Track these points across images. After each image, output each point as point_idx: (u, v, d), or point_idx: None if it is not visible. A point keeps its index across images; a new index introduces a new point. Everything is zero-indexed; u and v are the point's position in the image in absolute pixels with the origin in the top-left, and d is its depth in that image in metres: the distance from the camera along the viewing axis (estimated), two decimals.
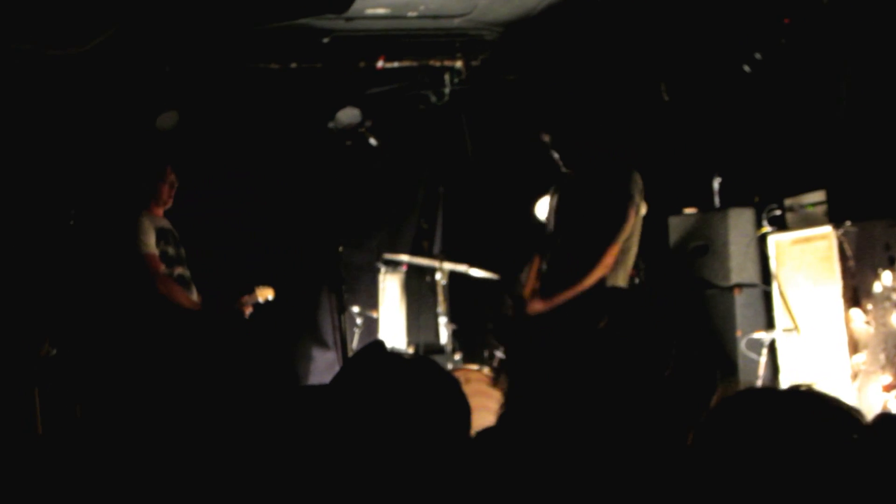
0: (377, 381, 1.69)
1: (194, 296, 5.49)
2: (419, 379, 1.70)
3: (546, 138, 4.97)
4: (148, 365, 5.15)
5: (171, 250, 5.44)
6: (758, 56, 6.01)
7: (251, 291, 5.55)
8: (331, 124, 6.19)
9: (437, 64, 6.38)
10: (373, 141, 5.25)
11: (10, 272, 5.66)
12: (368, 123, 5.58)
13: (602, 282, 4.74)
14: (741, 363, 5.88)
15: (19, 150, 5.87)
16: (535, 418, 1.80)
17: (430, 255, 6.90)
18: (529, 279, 5.05)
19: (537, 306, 4.84)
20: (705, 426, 1.59)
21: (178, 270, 5.47)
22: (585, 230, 4.86)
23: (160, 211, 5.51)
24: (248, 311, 5.56)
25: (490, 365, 5.73)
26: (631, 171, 4.88)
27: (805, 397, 1.57)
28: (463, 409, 1.72)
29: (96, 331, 5.45)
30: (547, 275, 4.98)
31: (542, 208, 5.38)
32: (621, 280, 4.86)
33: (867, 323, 5.40)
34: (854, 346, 5.49)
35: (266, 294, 5.59)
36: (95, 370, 5.29)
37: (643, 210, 4.92)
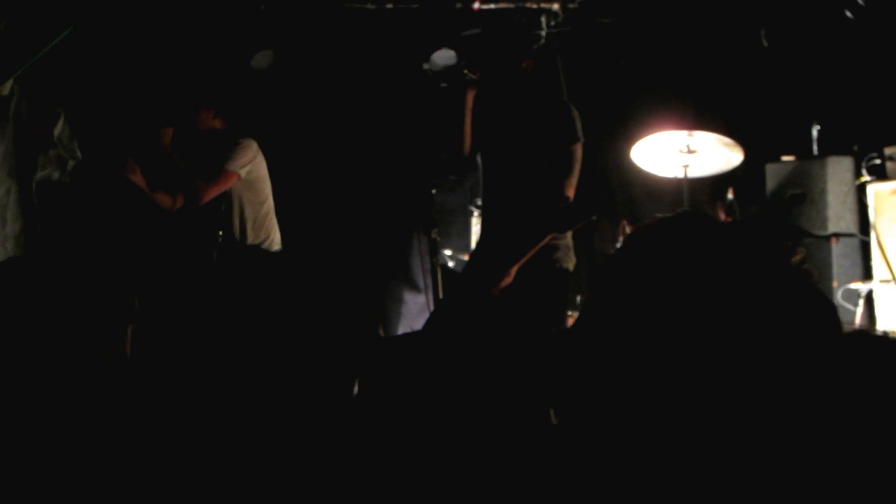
0: None
1: None
2: None
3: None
4: (229, 306, 5.13)
5: None
6: (861, 1, 5.92)
7: None
8: (426, 66, 6.14)
9: (534, 6, 6.32)
10: (471, 75, 5.19)
11: (104, 226, 5.67)
12: (464, 64, 5.53)
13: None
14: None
15: (119, 86, 5.87)
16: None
17: None
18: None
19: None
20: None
21: None
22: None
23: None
24: None
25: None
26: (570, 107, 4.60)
27: None
28: None
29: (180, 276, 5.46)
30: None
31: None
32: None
33: None
34: None
35: None
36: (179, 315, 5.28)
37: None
